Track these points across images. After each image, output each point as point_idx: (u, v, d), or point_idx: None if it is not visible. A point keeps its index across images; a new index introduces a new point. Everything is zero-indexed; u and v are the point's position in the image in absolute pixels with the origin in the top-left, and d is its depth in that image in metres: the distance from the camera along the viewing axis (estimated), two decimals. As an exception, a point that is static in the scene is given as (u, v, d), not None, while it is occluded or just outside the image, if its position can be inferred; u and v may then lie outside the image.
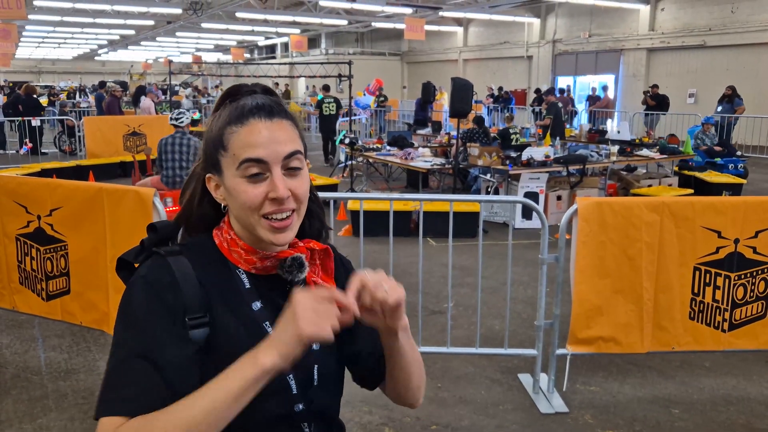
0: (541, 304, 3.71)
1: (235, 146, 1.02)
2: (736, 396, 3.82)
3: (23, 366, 4.07)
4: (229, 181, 1.04)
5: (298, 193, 1.04)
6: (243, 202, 1.02)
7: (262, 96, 1.08)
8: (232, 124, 1.04)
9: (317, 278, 1.12)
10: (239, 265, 1.09)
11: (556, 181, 8.45)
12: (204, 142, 1.09)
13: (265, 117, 1.03)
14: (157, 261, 1.04)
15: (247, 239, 1.08)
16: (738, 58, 17.83)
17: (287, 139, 1.04)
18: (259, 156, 1.01)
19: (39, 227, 3.97)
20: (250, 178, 1.02)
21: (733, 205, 3.55)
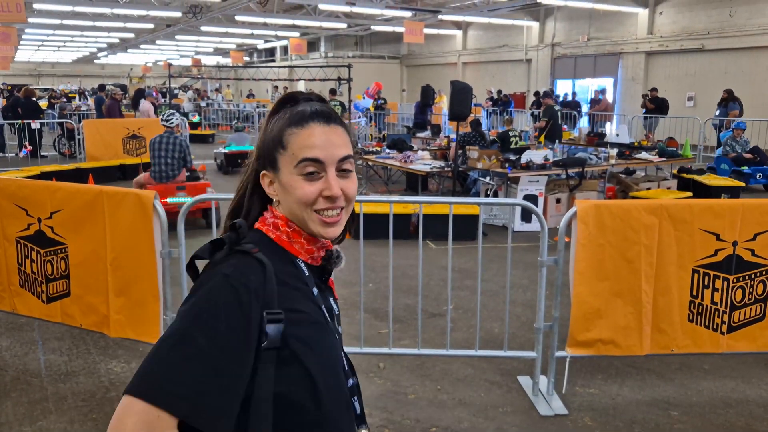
0: (540, 307, 3.72)
1: (295, 146, 1.12)
2: (735, 398, 3.83)
3: (23, 369, 4.07)
4: (285, 178, 1.13)
5: (348, 193, 1.15)
6: (299, 198, 1.12)
7: (318, 103, 1.18)
8: (292, 126, 1.14)
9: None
10: (299, 255, 1.17)
11: (555, 184, 8.47)
12: (262, 141, 1.18)
13: (323, 122, 1.14)
14: (244, 260, 1.07)
15: (302, 231, 1.17)
16: (736, 62, 17.87)
17: (342, 143, 1.15)
18: (317, 156, 1.11)
19: (39, 230, 3.98)
20: (307, 176, 1.12)
21: (731, 207, 3.57)
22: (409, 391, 3.83)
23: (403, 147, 10.08)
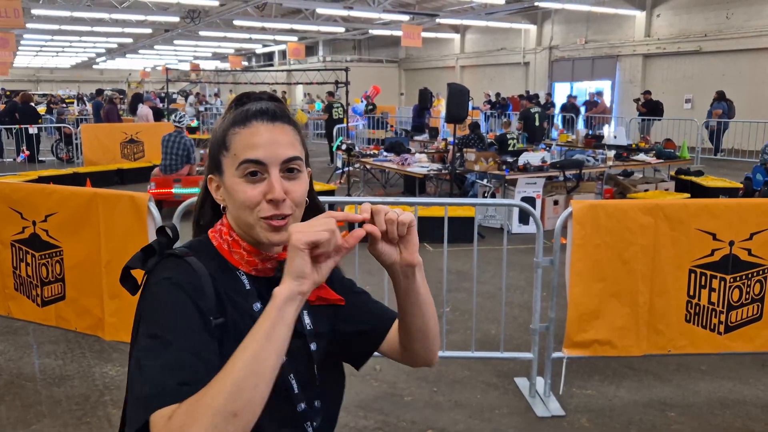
0: (536, 308, 3.70)
1: (237, 146, 1.06)
2: (733, 399, 3.81)
3: (17, 372, 4.05)
4: (228, 181, 1.07)
5: (294, 196, 1.06)
6: (241, 202, 1.05)
7: (266, 102, 1.12)
8: (235, 126, 1.08)
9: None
10: (240, 266, 1.11)
11: (552, 186, 8.46)
12: (209, 144, 1.13)
13: (267, 120, 1.07)
14: (177, 263, 1.04)
15: (247, 238, 1.10)
16: (734, 64, 17.91)
17: (287, 143, 1.07)
18: (258, 157, 1.04)
19: (34, 233, 3.97)
20: (248, 177, 1.05)
21: (728, 207, 3.56)
22: (405, 393, 3.82)
23: (400, 150, 10.08)
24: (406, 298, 1.12)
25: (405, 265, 1.06)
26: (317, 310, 1.18)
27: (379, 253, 1.04)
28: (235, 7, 19.86)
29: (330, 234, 0.91)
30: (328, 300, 1.17)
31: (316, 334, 1.16)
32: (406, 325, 1.17)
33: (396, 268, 1.07)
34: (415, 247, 1.06)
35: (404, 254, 1.05)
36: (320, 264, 0.94)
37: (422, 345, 1.20)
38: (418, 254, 1.07)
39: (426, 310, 1.15)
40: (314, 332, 1.16)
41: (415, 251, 1.06)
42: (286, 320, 0.90)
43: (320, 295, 1.16)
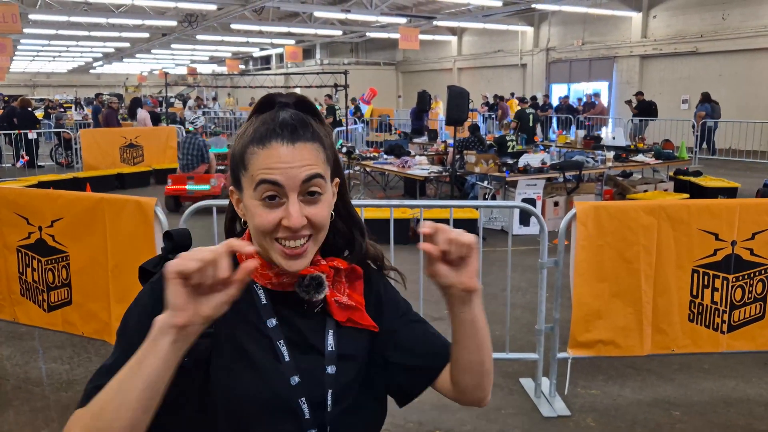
0: (541, 309, 3.73)
1: (254, 167, 1.00)
2: (736, 398, 3.84)
3: (24, 377, 4.07)
4: (247, 201, 1.02)
5: (315, 220, 1.01)
6: (257, 225, 1.00)
7: (291, 112, 1.03)
8: (253, 144, 1.01)
9: (342, 297, 1.09)
10: (256, 279, 1.06)
11: (552, 187, 8.50)
12: (230, 156, 1.07)
13: (287, 140, 0.99)
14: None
15: (264, 255, 1.05)
16: (730, 64, 17.99)
17: (309, 161, 1.00)
18: (276, 179, 0.98)
19: (40, 238, 3.98)
20: (266, 201, 0.99)
21: (729, 207, 3.59)
22: (412, 394, 3.84)
23: (400, 152, 10.11)
24: (460, 327, 1.05)
25: (462, 290, 1.00)
26: (348, 332, 1.10)
27: (436, 274, 0.99)
28: (233, 11, 19.88)
29: (198, 263, 0.82)
30: (360, 324, 1.10)
31: (339, 356, 1.07)
32: (457, 356, 1.09)
33: (453, 293, 1.01)
34: (475, 271, 1.00)
35: (463, 277, 0.99)
36: (206, 297, 0.86)
37: (474, 381, 1.11)
38: (477, 279, 1.01)
39: (482, 343, 1.08)
40: (337, 354, 1.07)
41: (475, 275, 1.00)
42: (158, 352, 0.84)
43: (352, 317, 1.09)
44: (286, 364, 1.03)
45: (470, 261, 0.99)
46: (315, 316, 1.08)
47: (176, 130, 13.18)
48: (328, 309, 1.08)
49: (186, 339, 0.86)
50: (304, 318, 1.07)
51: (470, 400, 1.15)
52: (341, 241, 1.14)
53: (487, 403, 1.17)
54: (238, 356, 1.01)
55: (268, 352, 1.03)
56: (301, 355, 1.05)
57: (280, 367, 1.02)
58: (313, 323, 1.08)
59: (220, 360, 1.01)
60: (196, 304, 0.85)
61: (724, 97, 17.85)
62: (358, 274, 1.12)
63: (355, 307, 1.10)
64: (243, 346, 1.02)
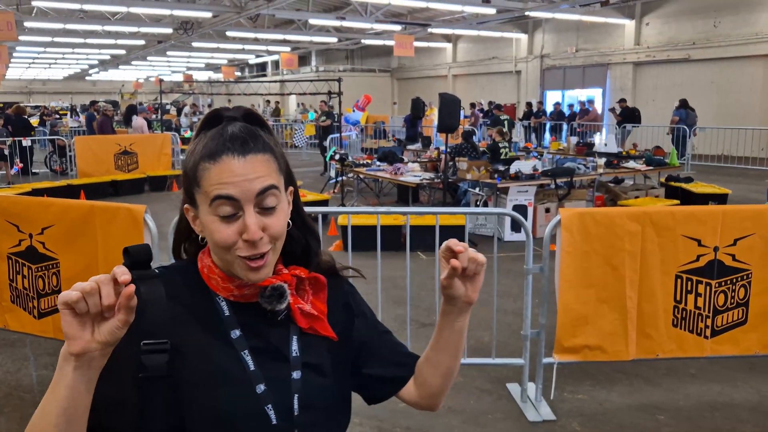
0: (527, 314, 3.77)
1: (207, 184, 1.01)
2: (722, 402, 3.88)
3: (15, 384, 4.09)
4: (203, 217, 1.03)
5: (272, 231, 1.02)
6: (217, 241, 1.01)
7: (240, 125, 1.04)
8: (204, 160, 1.01)
9: (305, 305, 1.11)
10: (218, 292, 1.08)
11: (544, 194, 8.55)
12: (182, 173, 1.07)
13: (238, 153, 1.00)
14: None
15: (224, 268, 1.07)
16: (722, 71, 18.13)
17: (262, 173, 1.01)
18: (230, 194, 0.99)
19: (31, 245, 4.01)
20: (223, 217, 1.00)
21: (712, 213, 3.65)
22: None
23: (393, 159, 10.16)
24: (451, 334, 1.15)
25: (466, 302, 1.10)
26: (312, 340, 1.12)
27: (451, 286, 1.07)
28: (228, 19, 19.96)
29: (78, 294, 0.83)
30: (321, 333, 1.13)
31: (303, 363, 1.10)
32: (438, 360, 1.18)
33: (456, 304, 1.11)
34: (479, 287, 1.09)
35: (470, 290, 1.09)
36: (99, 324, 0.86)
37: (443, 385, 1.20)
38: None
39: (460, 350, 1.18)
40: (301, 360, 1.10)
41: (478, 290, 1.10)
42: (65, 379, 0.87)
43: (314, 326, 1.12)
44: (251, 373, 1.05)
45: (479, 278, 1.09)
46: (279, 323, 1.10)
47: (170, 137, 13.23)
48: (292, 316, 1.11)
49: (88, 364, 0.87)
50: (270, 326, 1.09)
51: (429, 404, 1.23)
52: (298, 248, 1.16)
53: (438, 409, 1.25)
54: (203, 369, 1.03)
55: (234, 363, 1.05)
56: (266, 363, 1.07)
57: (245, 377, 1.04)
58: (277, 331, 1.10)
59: (184, 374, 1.01)
60: (91, 332, 0.86)
61: (716, 103, 18.01)
62: (321, 284, 1.15)
63: (317, 316, 1.12)
64: (208, 359, 1.04)
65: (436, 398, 1.22)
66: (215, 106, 19.65)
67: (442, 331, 1.16)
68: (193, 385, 1.02)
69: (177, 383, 1.01)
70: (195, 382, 1.02)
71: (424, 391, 1.21)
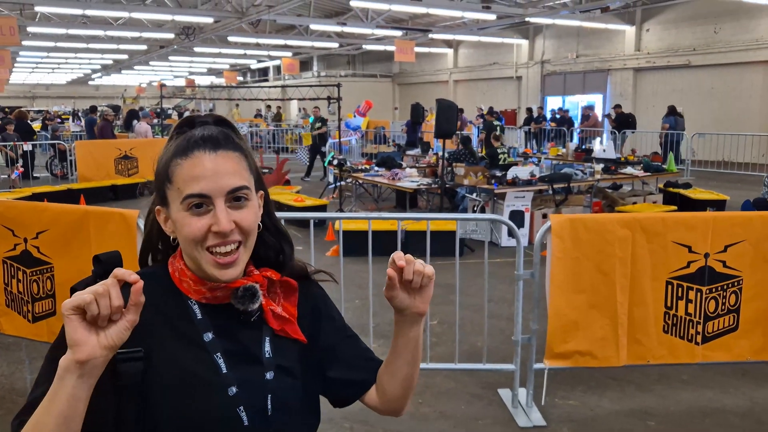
0: (518, 320, 3.79)
1: (179, 179, 1.03)
2: (713, 408, 3.89)
3: (9, 388, 4.11)
4: (174, 214, 1.05)
5: (243, 225, 1.04)
6: (187, 235, 1.02)
7: (211, 127, 1.07)
8: (177, 157, 1.04)
9: (277, 308, 1.12)
10: (190, 295, 1.08)
11: (541, 199, 8.57)
12: (155, 175, 1.09)
13: (209, 149, 1.03)
14: None
15: (196, 270, 1.07)
16: (722, 78, 18.14)
17: (232, 171, 1.04)
18: (202, 189, 1.01)
19: (25, 250, 4.03)
20: (193, 209, 1.02)
21: (703, 220, 3.66)
22: (392, 405, 3.88)
23: (391, 165, 10.19)
24: (406, 343, 1.15)
25: (416, 312, 1.11)
26: (283, 342, 1.14)
27: (395, 297, 1.08)
28: (229, 24, 20.03)
29: (93, 296, 0.84)
30: (291, 335, 1.14)
31: (277, 365, 1.11)
32: (395, 369, 1.19)
33: (406, 314, 1.12)
34: (429, 299, 1.10)
35: (418, 302, 1.09)
36: (107, 328, 0.88)
37: (402, 391, 1.21)
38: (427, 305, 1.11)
39: (417, 358, 1.19)
40: (273, 362, 1.11)
41: (428, 302, 1.10)
42: (66, 389, 0.87)
43: (285, 328, 1.13)
44: (224, 375, 1.05)
45: (428, 290, 1.09)
46: (252, 325, 1.11)
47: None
48: (264, 317, 1.12)
49: (92, 371, 0.88)
50: (242, 328, 1.10)
51: (391, 410, 1.25)
52: (272, 253, 1.17)
53: (402, 414, 1.26)
54: (175, 374, 1.03)
55: (206, 367, 1.05)
56: (240, 364, 1.07)
57: (217, 380, 1.05)
58: (250, 333, 1.11)
59: (157, 380, 1.02)
60: (97, 337, 0.87)
61: (716, 109, 18.02)
62: (293, 287, 1.16)
63: (288, 319, 1.13)
64: (179, 364, 1.04)
65: (396, 404, 1.23)
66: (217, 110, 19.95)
67: (397, 339, 1.17)
68: (164, 391, 1.03)
69: (149, 390, 1.01)
70: (166, 388, 1.03)
71: (384, 397, 1.22)
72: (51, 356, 1.02)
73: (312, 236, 4.10)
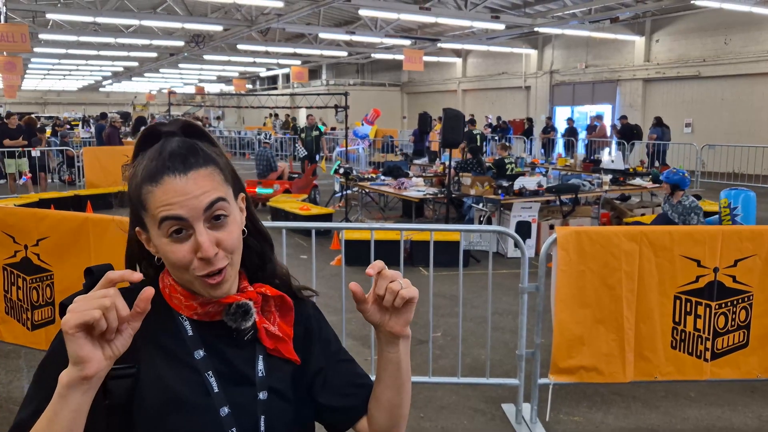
0: (522, 333, 3.71)
1: (153, 206, 0.98)
2: (720, 426, 3.79)
3: (6, 396, 4.07)
4: (155, 240, 1.01)
5: (227, 244, 1.00)
6: (173, 263, 0.99)
7: (178, 141, 1.01)
8: (146, 183, 0.99)
9: (271, 326, 1.08)
10: (181, 311, 1.05)
11: (549, 210, 8.49)
12: (128, 199, 1.04)
13: (179, 171, 0.98)
14: None
15: (186, 286, 1.04)
16: (732, 89, 18.03)
17: (207, 188, 0.99)
18: (177, 214, 0.97)
19: (26, 257, 4.01)
20: (174, 236, 0.97)
21: (711, 234, 3.58)
22: (392, 418, 3.81)
23: (398, 174, 10.15)
24: (385, 365, 1.08)
25: (389, 333, 1.03)
26: (276, 362, 1.09)
27: (365, 311, 1.02)
28: (239, 32, 20.13)
29: (101, 310, 0.81)
30: (284, 355, 1.09)
31: (269, 386, 1.07)
32: (378, 393, 1.12)
33: (380, 331, 1.05)
34: (407, 321, 1.02)
35: (391, 323, 1.02)
36: (111, 340, 0.85)
37: (388, 419, 1.12)
38: (408, 328, 1.04)
39: (402, 385, 1.10)
40: (266, 382, 1.07)
41: (406, 324, 1.03)
42: (70, 406, 0.84)
43: (278, 347, 1.09)
44: (215, 395, 1.01)
45: (405, 312, 1.01)
46: (245, 344, 1.06)
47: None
48: (258, 336, 1.07)
49: (96, 383, 0.86)
50: (234, 347, 1.06)
51: None
52: (255, 257, 1.13)
53: None
54: (164, 394, 0.99)
55: (196, 386, 1.01)
56: (231, 384, 1.03)
57: (208, 400, 1.01)
58: (242, 352, 1.06)
59: (145, 401, 0.98)
60: (102, 350, 0.84)
61: (726, 120, 17.88)
62: (288, 305, 1.11)
63: (282, 338, 1.09)
64: (168, 384, 0.99)
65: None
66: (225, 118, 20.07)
67: (379, 360, 1.10)
68: (153, 412, 0.98)
69: (136, 410, 0.97)
70: (155, 408, 0.98)
71: (372, 425, 1.14)
72: (41, 374, 0.98)
73: (313, 246, 4.05)
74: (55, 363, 0.95)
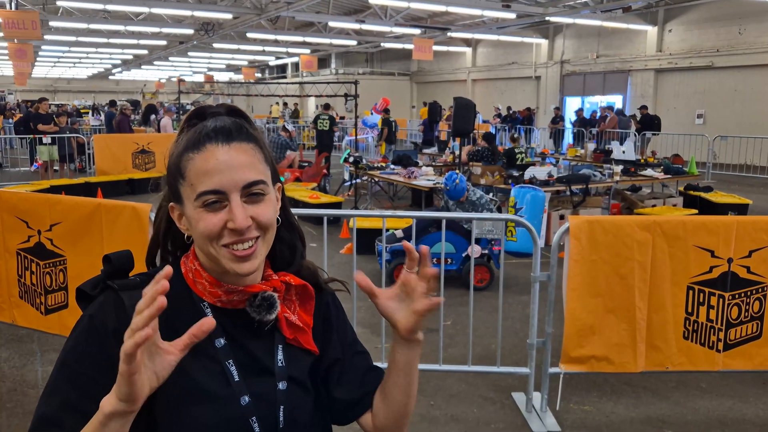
0: (533, 322, 3.71)
1: (192, 175, 0.97)
2: (732, 417, 3.78)
3: (20, 380, 4.11)
4: (189, 211, 0.99)
5: (261, 220, 0.98)
6: (201, 232, 0.97)
7: (224, 118, 1.01)
8: (189, 151, 0.98)
9: (291, 315, 1.07)
10: (204, 297, 1.03)
11: (559, 200, 8.45)
12: (167, 170, 1.03)
13: (222, 141, 0.97)
14: (109, 297, 0.99)
15: (212, 271, 1.02)
16: (746, 79, 17.82)
17: (247, 164, 0.98)
18: (216, 185, 0.96)
19: (39, 242, 4.04)
20: (208, 206, 0.96)
21: (725, 224, 3.55)
22: (402, 406, 3.82)
23: (408, 163, 10.12)
24: (395, 364, 1.09)
25: (403, 330, 1.03)
26: (295, 351, 1.09)
27: (375, 304, 1.04)
28: (249, 20, 20.07)
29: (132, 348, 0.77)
30: (303, 345, 1.09)
31: (289, 377, 1.06)
32: (386, 388, 1.13)
33: (394, 330, 1.05)
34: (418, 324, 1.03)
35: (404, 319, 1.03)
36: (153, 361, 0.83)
37: (393, 421, 1.13)
38: (420, 333, 1.05)
39: (409, 385, 1.11)
40: (286, 372, 1.06)
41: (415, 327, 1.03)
42: (111, 429, 0.84)
43: (298, 337, 1.08)
44: (235, 384, 1.00)
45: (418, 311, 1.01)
46: (265, 334, 1.05)
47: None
48: (278, 325, 1.06)
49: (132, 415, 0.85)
50: (254, 337, 1.05)
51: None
52: (287, 250, 1.12)
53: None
54: (185, 383, 0.97)
55: (217, 375, 1.00)
56: (251, 373, 1.03)
57: (229, 389, 1.00)
58: (261, 341, 1.05)
59: (165, 390, 0.93)
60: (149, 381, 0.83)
61: (738, 112, 17.71)
62: (310, 294, 1.11)
63: (302, 328, 1.08)
64: (189, 372, 0.97)
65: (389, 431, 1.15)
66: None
67: (390, 357, 1.11)
68: (174, 402, 0.97)
69: (155, 401, 0.95)
70: (176, 398, 0.97)
71: (377, 422, 1.14)
72: (65, 370, 0.96)
73: (325, 233, 4.05)
74: (80, 360, 0.96)
